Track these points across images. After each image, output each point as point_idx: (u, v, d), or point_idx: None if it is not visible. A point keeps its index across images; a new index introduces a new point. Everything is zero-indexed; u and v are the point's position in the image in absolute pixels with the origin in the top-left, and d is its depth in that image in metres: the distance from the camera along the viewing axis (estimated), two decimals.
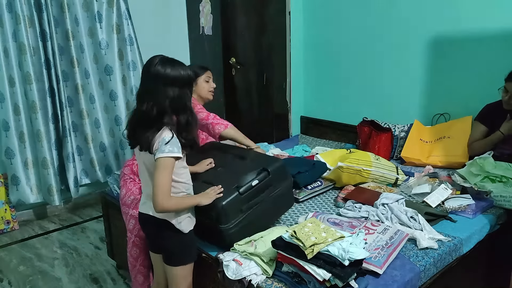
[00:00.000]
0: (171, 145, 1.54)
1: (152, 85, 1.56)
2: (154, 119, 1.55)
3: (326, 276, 1.42)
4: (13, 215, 3.35)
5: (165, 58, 1.61)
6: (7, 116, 3.18)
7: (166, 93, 1.55)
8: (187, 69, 1.62)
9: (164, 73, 1.55)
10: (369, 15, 3.18)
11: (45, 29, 3.20)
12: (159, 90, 1.55)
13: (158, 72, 1.55)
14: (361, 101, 3.37)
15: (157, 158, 1.54)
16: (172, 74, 1.56)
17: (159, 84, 1.55)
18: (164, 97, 1.55)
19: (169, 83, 1.56)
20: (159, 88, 1.55)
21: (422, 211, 1.97)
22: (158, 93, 1.55)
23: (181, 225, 1.67)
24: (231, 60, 3.84)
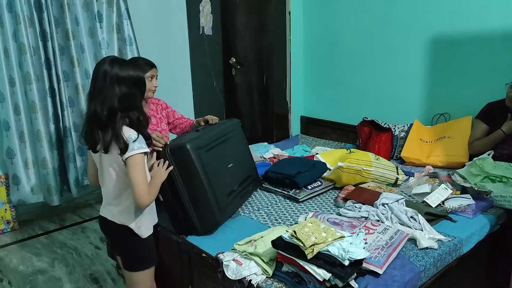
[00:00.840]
0: (139, 141, 1.58)
1: (100, 85, 1.57)
2: (106, 119, 1.56)
3: (326, 276, 1.42)
4: (13, 215, 3.35)
5: (115, 58, 1.63)
6: (7, 116, 3.18)
7: (114, 92, 1.56)
8: (137, 70, 1.63)
9: (112, 72, 1.56)
10: (369, 15, 3.18)
11: (45, 29, 3.20)
12: (107, 90, 1.56)
13: (106, 71, 1.56)
14: (361, 101, 3.37)
15: (129, 157, 1.55)
16: (119, 73, 1.57)
17: (107, 83, 1.56)
18: (113, 96, 1.55)
19: (116, 82, 1.56)
20: (108, 87, 1.56)
21: (422, 211, 1.97)
22: (106, 93, 1.56)
23: (140, 229, 1.67)
24: (231, 60, 3.84)
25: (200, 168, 1.91)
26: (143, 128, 1.63)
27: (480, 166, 2.22)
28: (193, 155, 1.89)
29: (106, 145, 1.56)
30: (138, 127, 1.61)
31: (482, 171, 2.21)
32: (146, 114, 1.67)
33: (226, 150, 2.15)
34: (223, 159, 2.12)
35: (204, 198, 1.92)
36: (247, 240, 1.73)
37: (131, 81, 1.59)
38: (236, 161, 2.20)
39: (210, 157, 1.99)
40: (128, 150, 1.54)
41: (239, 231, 1.99)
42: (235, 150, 2.25)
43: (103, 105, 1.55)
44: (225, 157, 2.13)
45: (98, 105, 1.55)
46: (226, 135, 2.21)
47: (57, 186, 3.40)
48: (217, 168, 2.03)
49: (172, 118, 2.47)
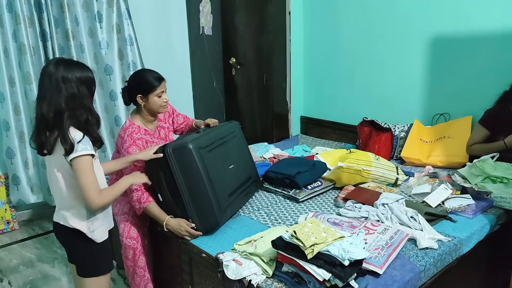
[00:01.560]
0: (84, 143, 1.54)
1: (46, 86, 1.53)
2: (53, 120, 1.52)
3: (326, 276, 1.42)
4: (13, 215, 3.35)
5: (61, 59, 1.60)
6: (7, 116, 3.18)
7: (60, 92, 1.52)
8: (85, 70, 1.59)
9: (57, 74, 1.53)
10: (369, 15, 3.18)
11: (45, 29, 3.20)
12: (53, 91, 1.52)
13: (51, 73, 1.53)
14: (361, 101, 3.37)
15: (73, 159, 1.52)
16: (65, 74, 1.53)
17: (53, 85, 1.52)
18: (59, 97, 1.52)
19: (62, 83, 1.52)
20: (53, 88, 1.52)
21: (422, 211, 1.97)
22: (52, 94, 1.52)
23: (94, 234, 1.64)
24: (231, 60, 3.84)
25: (201, 168, 1.91)
26: (92, 129, 1.59)
27: (481, 168, 2.22)
28: (195, 155, 1.90)
29: (50, 146, 1.53)
30: (86, 128, 1.57)
31: (483, 172, 2.21)
32: (96, 114, 1.63)
33: (227, 152, 2.16)
34: (224, 160, 2.12)
35: (205, 198, 1.92)
36: (247, 240, 1.73)
37: (78, 81, 1.55)
38: (237, 162, 2.21)
39: (212, 158, 2.00)
40: (73, 151, 1.51)
41: (239, 231, 1.99)
42: (236, 151, 2.26)
43: (50, 106, 1.51)
44: (226, 158, 2.14)
45: (44, 107, 1.51)
46: (227, 136, 2.23)
47: None
48: (218, 168, 2.04)
49: (176, 124, 2.46)
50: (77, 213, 1.62)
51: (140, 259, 2.09)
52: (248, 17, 3.68)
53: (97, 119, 1.61)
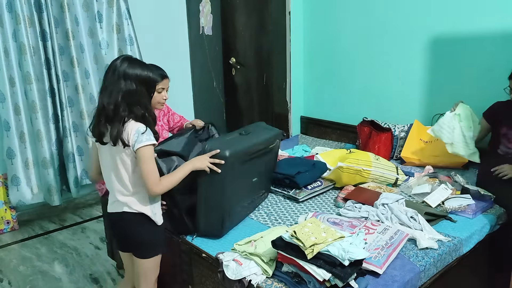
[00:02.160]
0: (147, 134, 1.62)
1: (110, 79, 1.62)
2: (112, 113, 1.60)
3: (326, 276, 1.42)
4: (13, 215, 3.35)
5: (130, 56, 1.69)
6: (7, 116, 3.18)
7: (119, 86, 1.60)
8: (149, 71, 1.68)
9: (120, 69, 1.62)
10: (369, 15, 3.18)
11: (45, 29, 3.20)
12: (113, 84, 1.61)
13: (116, 67, 1.62)
14: (361, 101, 3.37)
15: (138, 149, 1.60)
16: (127, 70, 1.62)
17: (114, 78, 1.61)
18: (118, 91, 1.60)
19: (123, 78, 1.61)
20: (114, 82, 1.61)
21: (422, 211, 1.97)
22: (112, 87, 1.61)
23: (156, 216, 1.74)
24: (231, 60, 3.84)
25: (228, 183, 1.84)
26: (149, 125, 1.66)
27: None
28: (228, 166, 1.80)
29: (114, 138, 1.60)
30: (144, 123, 1.65)
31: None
32: (153, 113, 1.71)
33: (258, 164, 2.07)
34: (251, 173, 2.05)
35: (218, 212, 1.87)
36: (247, 240, 1.73)
37: (137, 79, 1.63)
38: (261, 175, 2.15)
39: (241, 171, 1.92)
40: (137, 142, 1.59)
41: (239, 231, 1.99)
42: (265, 163, 2.17)
43: (110, 99, 1.60)
44: (253, 170, 2.06)
45: (105, 98, 1.61)
46: (266, 148, 2.09)
47: (58, 186, 3.40)
48: (243, 182, 1.99)
49: (172, 123, 2.47)
50: (141, 198, 1.70)
51: None
52: (248, 17, 3.68)
53: (153, 118, 1.70)
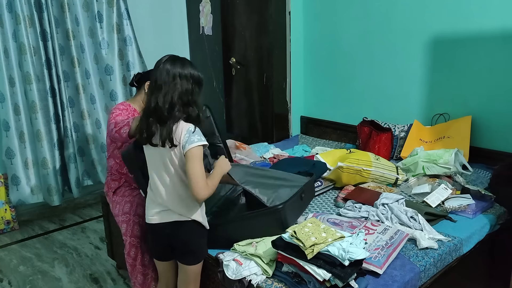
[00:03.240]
0: (198, 133, 1.60)
1: (164, 79, 1.60)
2: (167, 113, 1.58)
3: (326, 276, 1.42)
4: (13, 215, 3.35)
5: (176, 56, 1.68)
6: (7, 116, 3.18)
7: (175, 86, 1.59)
8: (196, 69, 1.68)
9: (174, 69, 1.61)
10: (369, 15, 3.18)
11: (45, 29, 3.20)
12: (168, 84, 1.60)
13: (168, 69, 1.61)
14: (361, 101, 3.37)
15: (189, 149, 1.57)
16: (181, 71, 1.62)
17: (169, 78, 1.60)
18: (173, 90, 1.59)
19: (178, 77, 1.61)
20: (169, 82, 1.60)
21: (422, 211, 1.97)
22: (168, 87, 1.59)
23: (205, 221, 1.71)
24: (231, 60, 3.84)
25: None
26: (200, 126, 1.65)
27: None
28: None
29: (163, 139, 1.58)
30: (197, 124, 1.64)
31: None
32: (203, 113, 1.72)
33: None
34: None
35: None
36: (248, 241, 1.73)
37: (192, 78, 1.63)
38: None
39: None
40: (188, 142, 1.57)
41: None
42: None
43: (165, 98, 1.59)
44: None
45: (159, 99, 1.59)
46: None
47: (58, 186, 3.40)
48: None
49: None
50: (192, 205, 1.66)
51: (144, 258, 2.09)
52: (248, 17, 3.68)
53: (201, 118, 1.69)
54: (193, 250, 1.72)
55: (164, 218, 1.67)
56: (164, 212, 1.67)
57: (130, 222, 2.10)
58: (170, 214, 1.66)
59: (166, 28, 4.04)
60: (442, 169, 2.43)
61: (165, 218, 1.67)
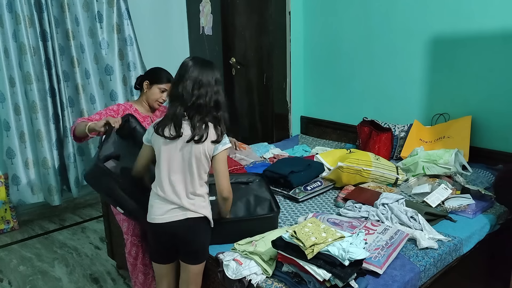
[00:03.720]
0: (225, 137, 1.71)
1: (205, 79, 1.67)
2: (213, 111, 1.66)
3: (326, 276, 1.42)
4: (13, 215, 3.36)
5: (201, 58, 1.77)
6: (7, 116, 3.18)
7: (214, 89, 1.67)
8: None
9: (216, 70, 1.71)
10: (369, 15, 3.18)
11: (45, 29, 3.20)
12: (209, 85, 1.67)
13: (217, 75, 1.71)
14: (361, 101, 3.37)
15: (221, 151, 1.67)
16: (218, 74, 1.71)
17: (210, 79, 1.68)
18: (213, 92, 1.67)
19: (217, 82, 1.70)
20: (209, 83, 1.67)
21: (422, 211, 1.97)
22: (209, 87, 1.66)
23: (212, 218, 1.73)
24: (231, 60, 3.84)
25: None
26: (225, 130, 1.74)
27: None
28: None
29: (200, 136, 1.63)
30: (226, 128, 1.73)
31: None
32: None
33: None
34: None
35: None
36: (248, 240, 1.73)
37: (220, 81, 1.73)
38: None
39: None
40: (222, 144, 1.67)
41: None
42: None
43: (210, 99, 1.66)
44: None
45: (204, 97, 1.65)
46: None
47: (58, 186, 3.40)
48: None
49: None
50: (203, 202, 1.70)
51: (145, 257, 2.09)
52: (248, 17, 3.68)
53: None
54: (199, 248, 1.72)
55: (176, 216, 1.66)
56: (176, 209, 1.66)
57: (131, 222, 2.10)
58: (182, 211, 1.66)
59: (166, 28, 4.04)
60: (442, 169, 2.43)
61: (177, 216, 1.66)
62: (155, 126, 1.67)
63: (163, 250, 1.76)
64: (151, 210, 1.70)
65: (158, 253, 1.79)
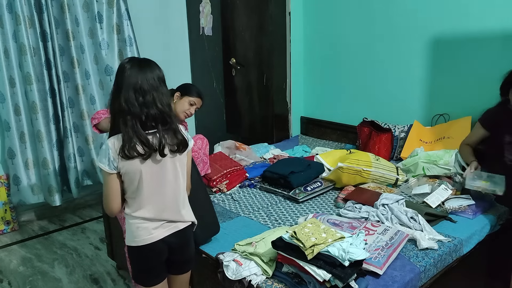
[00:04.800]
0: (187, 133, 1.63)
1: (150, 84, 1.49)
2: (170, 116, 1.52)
3: (326, 277, 1.42)
4: (13, 216, 3.35)
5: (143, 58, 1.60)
6: (8, 117, 3.18)
7: (163, 90, 1.53)
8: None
9: (158, 71, 1.54)
10: (369, 16, 3.18)
11: (45, 29, 3.20)
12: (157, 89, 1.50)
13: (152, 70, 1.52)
14: (361, 102, 3.37)
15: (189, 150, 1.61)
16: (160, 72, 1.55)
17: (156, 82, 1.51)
18: (163, 94, 1.52)
19: (163, 81, 1.55)
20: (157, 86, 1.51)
21: (422, 211, 1.97)
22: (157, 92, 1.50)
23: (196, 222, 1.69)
24: (231, 61, 3.84)
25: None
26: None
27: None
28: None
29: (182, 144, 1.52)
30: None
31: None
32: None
33: None
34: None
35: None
36: (248, 241, 1.73)
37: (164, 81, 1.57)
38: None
39: None
40: (189, 140, 1.60)
41: (239, 231, 1.99)
42: None
43: (163, 104, 1.49)
44: None
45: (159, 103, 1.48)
46: None
47: (58, 187, 3.40)
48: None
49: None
50: (188, 206, 1.64)
51: None
52: (248, 17, 3.68)
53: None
54: (193, 254, 1.69)
55: (167, 230, 1.56)
56: (165, 224, 1.56)
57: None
58: (173, 223, 1.57)
59: (166, 29, 4.04)
60: (442, 170, 2.43)
61: (169, 230, 1.56)
62: (121, 153, 1.44)
63: (156, 269, 1.62)
64: (137, 232, 1.53)
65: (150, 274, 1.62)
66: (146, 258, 1.58)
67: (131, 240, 1.55)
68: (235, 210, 2.25)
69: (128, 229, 1.56)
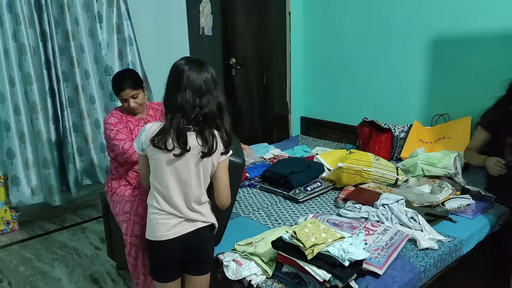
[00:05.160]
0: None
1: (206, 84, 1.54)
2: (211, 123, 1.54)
3: (326, 277, 1.42)
4: (13, 216, 3.35)
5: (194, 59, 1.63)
6: (7, 117, 3.18)
7: (215, 94, 1.56)
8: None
9: (214, 73, 1.58)
10: (369, 15, 3.18)
11: (45, 29, 3.20)
12: (210, 91, 1.55)
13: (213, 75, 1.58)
14: (361, 102, 3.37)
15: (225, 159, 1.60)
16: (216, 77, 1.59)
17: (210, 84, 1.55)
18: (214, 98, 1.55)
19: (218, 85, 1.58)
20: (210, 88, 1.55)
21: (422, 211, 1.97)
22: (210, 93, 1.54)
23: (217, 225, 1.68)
24: (231, 61, 3.84)
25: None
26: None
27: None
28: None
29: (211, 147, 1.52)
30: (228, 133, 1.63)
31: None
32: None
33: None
34: None
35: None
36: (248, 241, 1.73)
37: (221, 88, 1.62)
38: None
39: None
40: (226, 153, 1.59)
41: (239, 231, 1.99)
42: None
43: (214, 104, 1.54)
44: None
45: (209, 104, 1.53)
46: None
47: (58, 186, 3.40)
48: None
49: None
50: (208, 209, 1.64)
51: (144, 257, 2.09)
52: (248, 17, 3.68)
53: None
54: (209, 256, 1.68)
55: (185, 228, 1.57)
56: (183, 222, 1.57)
57: (130, 222, 2.10)
58: (190, 222, 1.58)
59: (166, 28, 4.04)
60: (441, 171, 2.42)
61: (186, 228, 1.57)
62: (151, 140, 1.51)
63: (170, 266, 1.64)
64: (156, 227, 1.57)
65: (164, 270, 1.66)
66: (158, 253, 1.63)
67: (150, 234, 1.61)
68: (235, 210, 2.24)
69: (149, 223, 1.62)
